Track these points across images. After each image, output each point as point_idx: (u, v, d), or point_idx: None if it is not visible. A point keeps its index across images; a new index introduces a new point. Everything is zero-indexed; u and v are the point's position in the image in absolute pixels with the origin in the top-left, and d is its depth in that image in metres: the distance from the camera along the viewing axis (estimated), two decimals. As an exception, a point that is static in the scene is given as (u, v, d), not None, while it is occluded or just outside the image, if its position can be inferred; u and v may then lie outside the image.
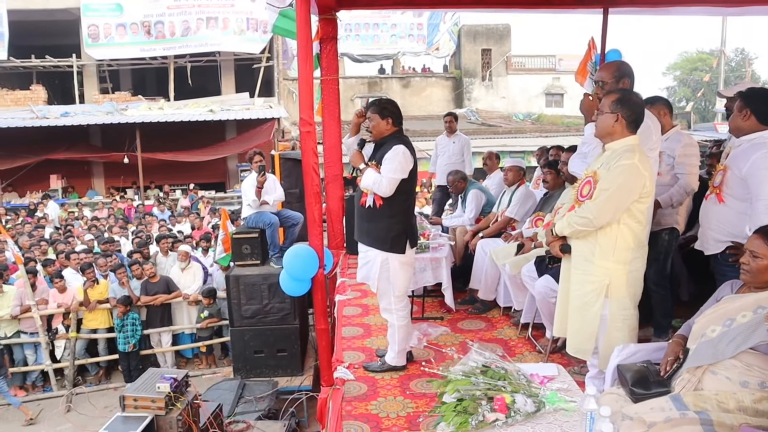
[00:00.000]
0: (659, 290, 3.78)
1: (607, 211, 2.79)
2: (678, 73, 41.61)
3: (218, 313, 8.11)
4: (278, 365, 6.56)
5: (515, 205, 5.37)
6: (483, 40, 28.01)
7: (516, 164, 5.66)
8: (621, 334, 2.89)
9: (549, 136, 22.51)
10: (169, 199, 17.55)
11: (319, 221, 3.72)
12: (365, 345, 4.51)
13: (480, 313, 5.15)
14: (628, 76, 3.35)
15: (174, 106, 19.43)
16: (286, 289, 3.57)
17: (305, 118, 3.40)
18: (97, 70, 20.88)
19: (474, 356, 2.37)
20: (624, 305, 2.90)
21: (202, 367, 8.37)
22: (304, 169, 3.48)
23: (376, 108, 3.71)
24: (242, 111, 18.97)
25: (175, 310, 8.37)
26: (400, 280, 3.74)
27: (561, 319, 3.15)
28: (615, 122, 2.87)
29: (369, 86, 27.29)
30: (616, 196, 2.76)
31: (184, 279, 8.39)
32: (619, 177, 2.76)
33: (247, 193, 6.55)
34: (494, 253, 4.86)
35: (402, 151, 3.57)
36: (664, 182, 3.82)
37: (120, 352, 7.92)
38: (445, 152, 7.89)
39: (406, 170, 3.59)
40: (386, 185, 3.53)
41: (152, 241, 10.02)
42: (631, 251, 2.87)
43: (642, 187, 2.79)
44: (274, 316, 6.51)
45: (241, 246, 6.67)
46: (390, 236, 3.65)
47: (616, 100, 2.87)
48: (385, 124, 3.69)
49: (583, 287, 2.94)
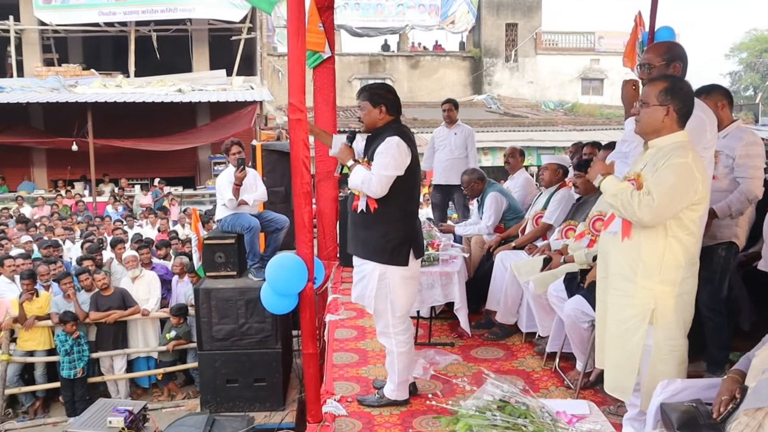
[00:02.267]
0: (714, 317, 3.80)
1: (659, 209, 2.78)
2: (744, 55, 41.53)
3: (188, 335, 8.13)
4: (255, 397, 6.57)
5: (554, 210, 5.38)
6: (508, 12, 28.11)
7: (555, 161, 5.65)
8: (667, 368, 2.92)
9: (585, 129, 22.60)
10: (126, 195, 17.58)
11: (309, 226, 3.75)
12: (360, 374, 4.53)
13: (498, 339, 5.18)
14: (681, 59, 3.40)
15: (134, 83, 19.48)
16: (268, 306, 3.60)
17: (295, 102, 3.44)
18: (39, 36, 20.88)
19: (490, 389, 2.41)
20: (671, 334, 2.93)
21: (163, 398, 8.38)
22: (293, 163, 3.51)
23: (367, 94, 3.75)
24: (217, 92, 18.99)
25: (130, 329, 8.40)
26: (401, 297, 3.77)
27: (601, 347, 3.18)
28: (665, 116, 2.90)
29: (370, 66, 27.37)
30: (668, 196, 2.76)
31: (136, 291, 8.42)
32: (670, 176, 2.78)
33: (223, 191, 6.58)
34: (516, 268, 4.89)
35: (396, 143, 3.59)
36: (721, 188, 3.86)
37: (63, 379, 7.89)
38: (445, 146, 7.92)
39: (402, 166, 3.62)
40: (376, 184, 3.56)
41: (106, 246, 10.05)
42: (682, 270, 2.89)
43: (694, 193, 2.81)
44: (252, 338, 6.53)
45: (214, 254, 6.70)
46: (389, 246, 3.68)
47: (666, 90, 2.90)
48: (377, 112, 3.72)
49: (623, 312, 2.97)
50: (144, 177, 19.43)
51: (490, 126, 22.62)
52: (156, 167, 19.17)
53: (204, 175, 20.34)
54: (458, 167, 7.76)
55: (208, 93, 18.84)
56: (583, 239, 4.52)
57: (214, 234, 7.04)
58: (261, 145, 8.61)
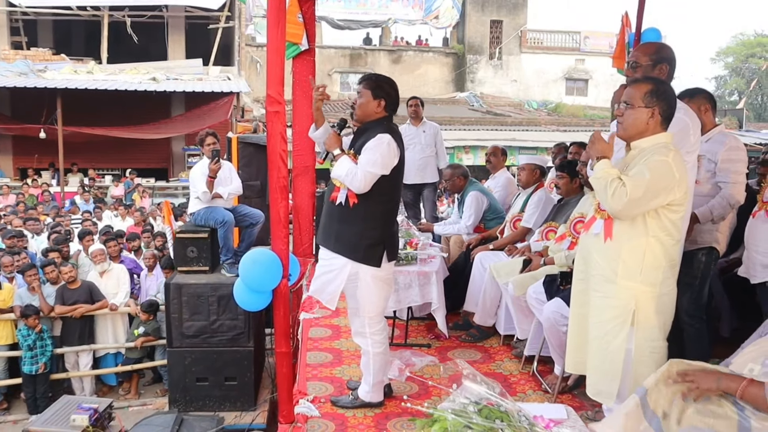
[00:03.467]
0: (694, 323, 3.84)
1: (630, 201, 2.81)
2: (730, 60, 42.09)
3: (157, 332, 8.07)
4: (226, 397, 6.55)
5: (532, 213, 5.44)
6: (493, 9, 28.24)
7: (532, 162, 5.70)
8: (647, 370, 2.93)
9: (569, 130, 22.81)
10: (96, 186, 17.40)
11: (285, 221, 3.74)
12: (334, 375, 4.54)
13: (475, 341, 5.21)
14: (668, 62, 3.44)
15: (107, 70, 19.29)
16: (241, 303, 3.59)
17: (273, 94, 3.42)
18: (8, 18, 20.60)
19: (467, 387, 2.41)
20: (652, 335, 2.97)
21: (130, 396, 8.32)
22: (269, 156, 3.50)
23: (371, 83, 3.74)
24: (193, 82, 18.90)
25: (98, 324, 8.32)
26: (373, 299, 3.77)
27: (573, 351, 3.22)
28: (650, 118, 2.95)
29: (351, 59, 27.34)
30: (641, 188, 2.81)
31: (104, 285, 8.34)
32: (646, 171, 2.83)
33: (196, 184, 6.54)
34: (495, 270, 4.91)
35: (387, 142, 3.60)
36: (702, 192, 3.91)
37: (24, 375, 7.80)
38: (414, 144, 7.89)
39: (389, 165, 3.62)
40: (361, 179, 3.55)
41: (73, 238, 9.93)
42: (662, 270, 2.94)
43: (670, 191, 2.85)
44: (224, 335, 6.51)
45: (186, 248, 6.66)
46: (363, 243, 3.68)
47: (651, 92, 2.94)
48: (375, 105, 3.73)
49: (604, 313, 3.01)
50: (115, 167, 19.26)
51: (472, 124, 22.73)
52: (128, 158, 19.01)
53: (177, 167, 20.21)
54: (431, 165, 7.97)
55: (183, 82, 18.73)
56: (564, 241, 4.56)
57: (186, 228, 7.00)
58: (237, 138, 8.58)
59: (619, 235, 2.95)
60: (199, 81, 19.04)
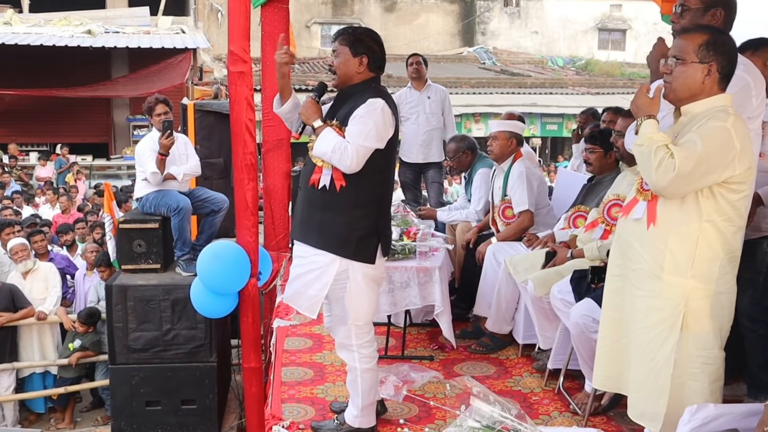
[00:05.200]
0: (757, 328, 3.84)
1: (678, 176, 2.78)
2: (808, 2, 42.17)
3: (98, 345, 8.05)
4: (183, 423, 6.54)
5: (519, 193, 5.38)
6: (508, -57, 28.13)
7: (505, 129, 5.62)
8: (698, 385, 2.95)
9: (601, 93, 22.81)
10: (19, 165, 17.34)
11: (253, 207, 3.74)
12: (315, 395, 4.53)
13: (488, 351, 5.23)
14: (724, 5, 3.43)
15: (30, 21, 19.18)
16: (201, 308, 3.60)
17: (236, 51, 3.43)
18: None
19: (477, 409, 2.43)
20: (705, 343, 2.96)
21: (63, 426, 8.32)
22: (233, 128, 3.51)
23: (348, 37, 3.72)
24: (138, 35, 18.81)
25: (22, 337, 8.29)
26: (364, 302, 3.77)
27: (604, 364, 3.22)
28: (705, 76, 2.92)
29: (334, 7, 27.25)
30: (692, 162, 2.77)
31: (29, 289, 8.29)
32: (699, 140, 2.79)
33: (144, 162, 6.51)
34: (511, 264, 4.90)
35: (381, 108, 3.59)
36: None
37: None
38: (417, 113, 7.85)
39: (384, 137, 3.62)
40: (352, 155, 3.52)
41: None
42: (718, 263, 2.92)
43: (729, 165, 2.82)
44: (180, 348, 6.49)
45: (132, 241, 6.63)
46: (354, 236, 3.67)
47: (707, 43, 2.91)
48: (356, 64, 3.71)
49: (648, 317, 2.99)
50: (42, 142, 19.14)
51: (482, 86, 22.71)
52: (58, 130, 18.91)
53: (121, 142, 20.15)
54: (437, 140, 7.83)
55: (126, 36, 18.65)
56: (596, 229, 4.55)
57: (132, 216, 6.96)
58: (193, 105, 8.54)
59: (666, 221, 2.93)
60: (145, 35, 18.95)
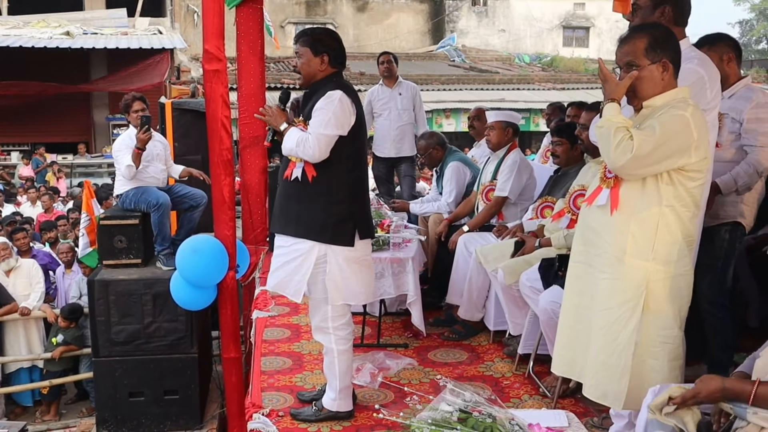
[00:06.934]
0: (716, 311, 3.88)
1: (636, 157, 2.81)
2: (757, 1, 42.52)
3: (80, 339, 7.99)
4: (165, 414, 6.52)
5: (507, 179, 5.45)
6: (476, -56, 28.17)
7: (502, 119, 5.68)
8: (658, 363, 2.97)
9: (567, 88, 22.91)
10: (1, 164, 17.17)
11: (230, 202, 3.72)
12: (294, 383, 4.53)
13: (460, 338, 5.23)
14: (673, 4, 3.46)
15: (7, 23, 18.97)
16: (181, 301, 3.58)
17: (211, 50, 3.42)
18: None
19: (448, 398, 2.43)
20: (664, 322, 2.97)
21: (49, 418, 8.26)
22: (209, 125, 3.50)
23: (308, 39, 3.80)
24: (116, 37, 18.65)
25: (7, 333, 8.22)
26: (342, 284, 3.80)
27: (563, 349, 3.23)
28: (663, 72, 2.95)
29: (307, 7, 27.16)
30: (649, 144, 2.81)
31: (12, 286, 8.22)
32: (658, 126, 2.83)
33: (119, 157, 6.46)
34: (482, 254, 4.92)
35: (338, 98, 3.67)
36: (725, 158, 3.94)
37: None
38: (389, 110, 7.93)
39: (345, 125, 3.69)
40: (313, 144, 3.60)
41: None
42: (677, 246, 2.95)
43: (685, 151, 2.84)
44: (161, 341, 6.46)
45: (113, 237, 6.59)
46: (330, 221, 3.72)
47: (651, 43, 2.94)
48: (318, 62, 3.79)
49: (611, 299, 3.00)
50: (22, 142, 18.96)
51: (452, 83, 22.71)
52: (38, 129, 18.76)
53: (100, 141, 19.97)
54: (409, 135, 7.92)
55: (104, 38, 18.48)
56: (562, 219, 4.59)
57: (113, 213, 6.92)
58: (171, 103, 8.48)
59: (628, 206, 2.96)
60: (123, 36, 18.80)
